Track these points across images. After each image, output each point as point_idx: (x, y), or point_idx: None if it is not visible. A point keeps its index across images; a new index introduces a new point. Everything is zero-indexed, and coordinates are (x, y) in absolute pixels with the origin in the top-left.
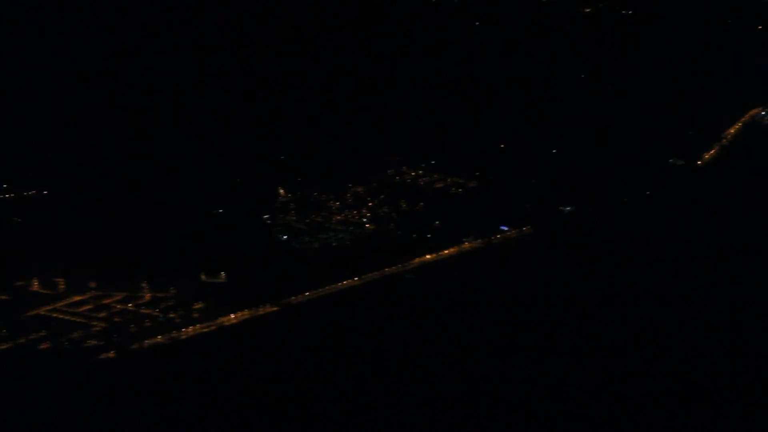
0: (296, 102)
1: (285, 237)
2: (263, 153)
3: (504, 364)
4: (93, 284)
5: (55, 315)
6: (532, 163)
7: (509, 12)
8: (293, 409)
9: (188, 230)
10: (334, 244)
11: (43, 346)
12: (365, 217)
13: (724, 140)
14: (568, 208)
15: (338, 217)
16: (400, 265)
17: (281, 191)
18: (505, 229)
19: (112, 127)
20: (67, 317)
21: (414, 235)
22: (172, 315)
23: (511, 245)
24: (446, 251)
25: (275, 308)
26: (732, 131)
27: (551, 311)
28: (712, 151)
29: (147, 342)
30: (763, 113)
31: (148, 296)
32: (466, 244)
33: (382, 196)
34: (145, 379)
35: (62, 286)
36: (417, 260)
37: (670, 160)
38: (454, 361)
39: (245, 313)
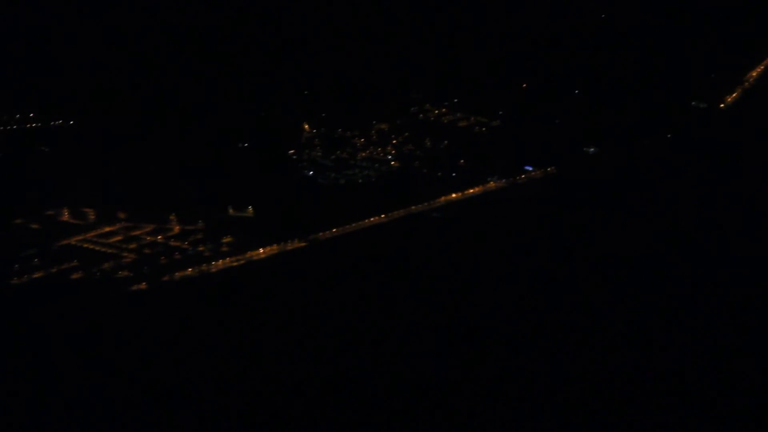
0: (321, 41)
1: (311, 173)
2: (288, 89)
3: (525, 306)
4: (122, 215)
5: (85, 245)
6: (556, 104)
7: None
8: (318, 346)
9: (215, 164)
10: (360, 180)
11: (75, 276)
12: (390, 154)
13: (747, 83)
14: (591, 149)
15: (363, 154)
16: (426, 204)
17: (306, 126)
18: (530, 169)
19: (145, 64)
20: (97, 248)
21: (439, 174)
22: (201, 248)
23: (536, 185)
24: (471, 190)
25: (303, 244)
26: (755, 74)
27: (573, 252)
28: (734, 94)
29: (177, 274)
30: None
31: (176, 229)
32: (491, 184)
33: (407, 134)
34: (176, 310)
35: (92, 217)
36: (443, 198)
37: (693, 103)
38: (480, 302)
39: (273, 248)
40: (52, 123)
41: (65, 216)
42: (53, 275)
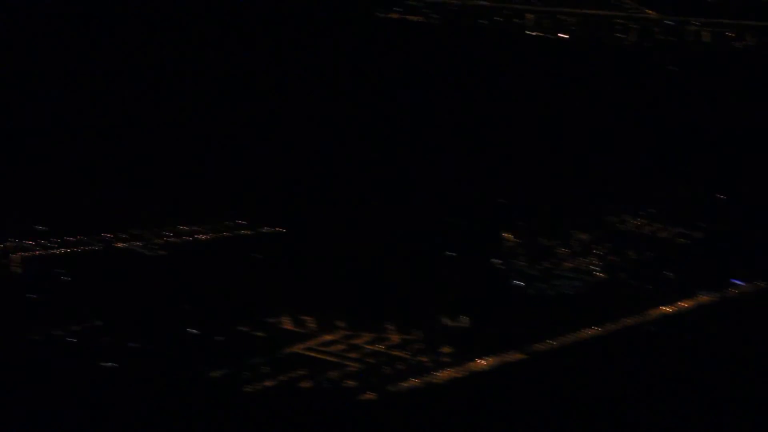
0: (510, 148)
1: (521, 283)
2: (483, 196)
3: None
4: (341, 323)
5: (310, 354)
6: (758, 212)
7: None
8: None
9: (421, 271)
10: (568, 291)
11: (304, 385)
12: (595, 265)
13: None
14: None
15: (568, 264)
16: (639, 316)
17: (507, 235)
18: (739, 283)
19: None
20: (321, 356)
21: (647, 286)
22: (422, 358)
23: (749, 300)
24: (683, 303)
25: (522, 355)
26: None
27: None
28: None
29: (403, 384)
30: None
31: (395, 338)
32: (702, 297)
33: (608, 244)
34: (406, 421)
35: (312, 325)
36: (655, 311)
37: None
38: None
39: (493, 360)
40: (263, 230)
41: (286, 324)
42: (283, 383)
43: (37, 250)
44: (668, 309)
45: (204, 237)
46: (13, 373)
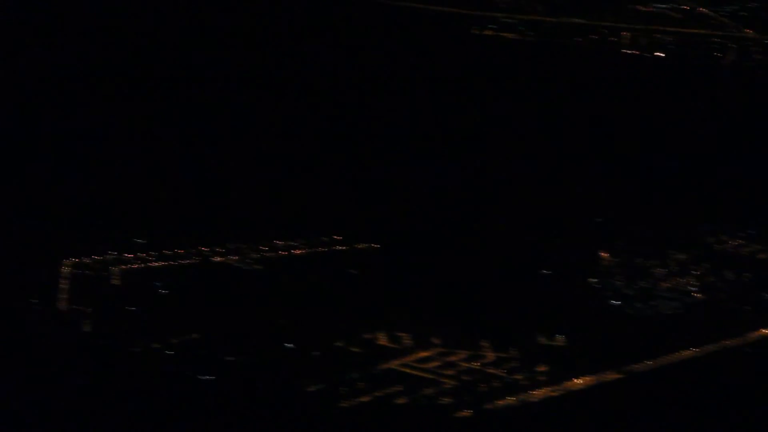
0: (607, 166)
1: (618, 302)
2: (580, 215)
3: None
4: (436, 341)
5: (405, 370)
6: None
7: None
8: None
9: (517, 290)
10: (667, 312)
11: (400, 401)
12: (692, 285)
13: None
14: None
15: (665, 284)
16: (739, 338)
17: (604, 254)
18: None
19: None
20: (417, 372)
21: (748, 308)
22: (517, 376)
23: None
24: None
25: (619, 375)
26: None
27: None
28: None
29: (499, 402)
30: None
31: (490, 356)
32: None
33: (707, 265)
34: None
35: (407, 341)
36: (756, 333)
37: None
38: None
39: (590, 379)
40: (358, 245)
41: (382, 340)
42: (379, 399)
43: (136, 263)
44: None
45: (299, 252)
46: (115, 385)
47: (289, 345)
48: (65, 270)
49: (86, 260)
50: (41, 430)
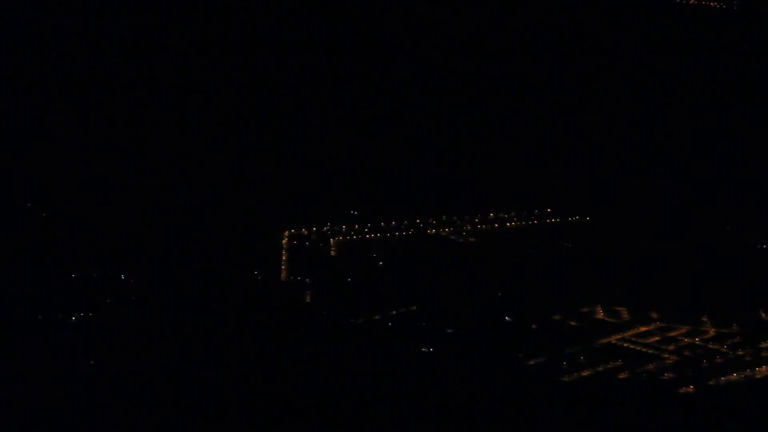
0: None
1: None
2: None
3: None
4: (655, 315)
5: (625, 345)
6: None
7: None
8: None
9: (735, 265)
10: None
11: (621, 376)
12: None
13: None
14: None
15: None
16: None
17: None
18: None
19: None
20: (637, 347)
21: None
22: (740, 353)
23: None
24: None
25: None
26: None
27: None
28: None
29: (723, 379)
30: None
31: (711, 331)
32: None
33: None
34: (727, 418)
35: (625, 316)
36: None
37: None
38: None
39: None
40: (570, 219)
41: (600, 314)
42: (600, 374)
43: (353, 235)
44: None
45: (512, 224)
46: (338, 354)
47: (507, 318)
48: (285, 242)
49: (305, 232)
50: (268, 392)
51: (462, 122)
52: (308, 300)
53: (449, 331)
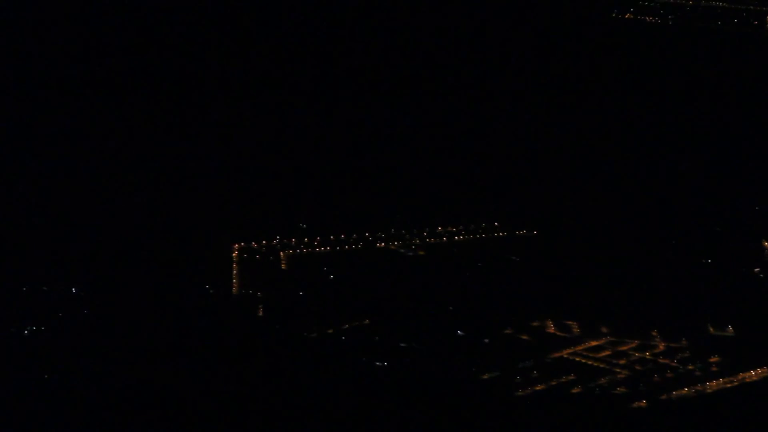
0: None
1: None
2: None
3: None
4: (605, 329)
5: (577, 359)
6: None
7: None
8: None
9: (683, 279)
10: None
11: (574, 390)
12: None
13: None
14: None
15: None
16: None
17: (767, 243)
18: None
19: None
20: (589, 362)
21: None
22: (690, 367)
23: None
24: None
25: None
26: None
27: None
28: None
29: (674, 393)
30: None
31: (661, 346)
32: None
33: None
34: (679, 430)
35: (576, 330)
36: None
37: None
38: None
39: (765, 371)
40: (518, 232)
41: (551, 328)
42: (554, 388)
43: (302, 248)
44: None
45: (460, 238)
46: (292, 369)
47: (460, 333)
48: (235, 255)
49: (254, 245)
50: (220, 409)
51: (410, 136)
52: (260, 314)
53: (402, 345)
